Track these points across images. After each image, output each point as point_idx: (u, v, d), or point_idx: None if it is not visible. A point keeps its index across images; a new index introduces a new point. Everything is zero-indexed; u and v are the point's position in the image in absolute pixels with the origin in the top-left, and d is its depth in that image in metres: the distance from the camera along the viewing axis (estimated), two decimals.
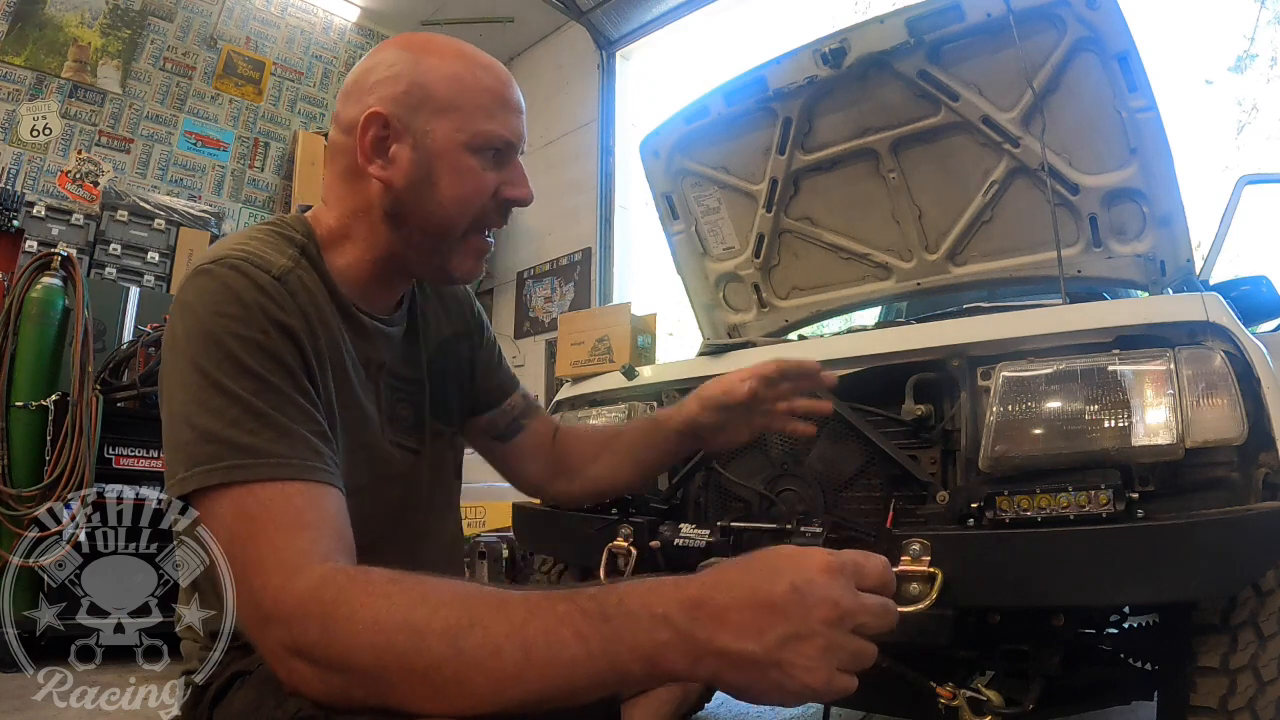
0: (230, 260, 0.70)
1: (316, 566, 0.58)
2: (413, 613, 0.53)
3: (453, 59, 0.78)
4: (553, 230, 5.18)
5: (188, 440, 0.63)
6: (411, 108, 0.76)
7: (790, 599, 0.49)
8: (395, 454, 0.84)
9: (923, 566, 1.04)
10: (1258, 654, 1.04)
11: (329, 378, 0.74)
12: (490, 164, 0.79)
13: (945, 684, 1.08)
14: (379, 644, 0.52)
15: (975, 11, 1.75)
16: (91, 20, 4.32)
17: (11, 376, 2.59)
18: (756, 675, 0.49)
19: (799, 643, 0.48)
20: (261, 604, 0.57)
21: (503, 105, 0.79)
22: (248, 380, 0.64)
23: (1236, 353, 1.07)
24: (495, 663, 0.51)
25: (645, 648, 0.50)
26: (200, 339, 0.66)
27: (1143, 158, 1.71)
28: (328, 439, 0.68)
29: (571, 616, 0.51)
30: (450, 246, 0.81)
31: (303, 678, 0.56)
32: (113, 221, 4.06)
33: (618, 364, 1.87)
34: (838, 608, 0.49)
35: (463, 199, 0.78)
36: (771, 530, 1.24)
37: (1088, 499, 1.01)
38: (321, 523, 0.62)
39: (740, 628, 0.49)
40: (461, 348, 0.99)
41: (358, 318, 0.81)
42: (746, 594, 0.50)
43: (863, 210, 2.21)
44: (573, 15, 5.22)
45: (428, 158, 0.77)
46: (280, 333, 0.68)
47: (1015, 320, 1.30)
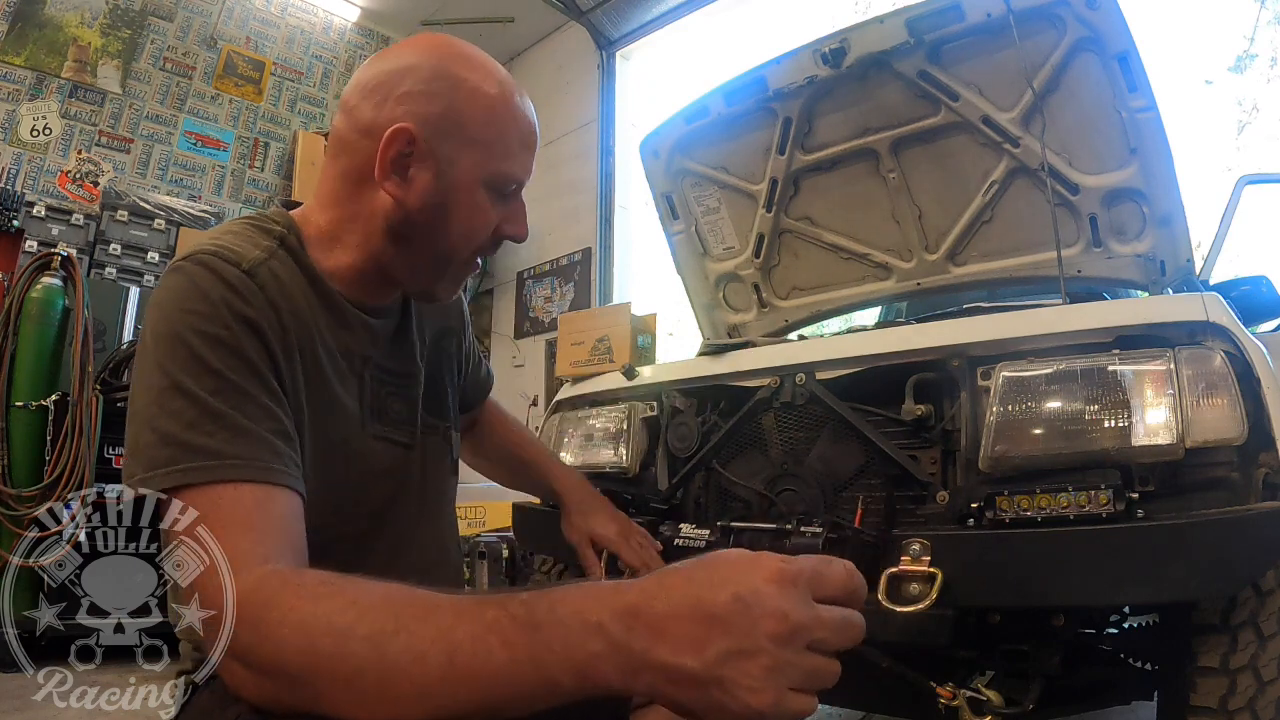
0: (199, 256, 0.70)
1: (255, 569, 0.57)
2: (339, 617, 0.52)
3: (492, 89, 0.77)
4: (553, 230, 5.18)
5: (148, 443, 0.63)
6: (442, 133, 0.75)
7: (733, 610, 0.44)
8: (378, 448, 0.83)
9: (923, 566, 1.04)
10: (1258, 654, 1.04)
11: (298, 371, 0.73)
12: (498, 200, 0.80)
13: (945, 684, 1.08)
14: (304, 648, 0.52)
15: (975, 11, 1.75)
16: (91, 20, 4.32)
17: (11, 376, 2.59)
18: (696, 693, 0.45)
19: (742, 660, 0.44)
20: (202, 604, 0.58)
21: (524, 146, 0.79)
22: (208, 379, 0.64)
23: (1236, 353, 1.07)
24: (419, 669, 0.49)
25: (576, 658, 0.46)
26: (166, 339, 0.66)
27: (1143, 158, 1.71)
28: (289, 438, 0.68)
29: (500, 623, 0.48)
30: (443, 272, 0.82)
31: (240, 680, 0.56)
32: (113, 221, 4.06)
33: (618, 364, 1.87)
34: (786, 621, 0.44)
35: (469, 234, 0.79)
36: (771, 530, 1.24)
37: (1088, 499, 1.01)
38: (267, 525, 0.62)
39: (678, 640, 0.44)
40: (452, 343, 1.00)
41: (341, 308, 0.80)
42: (687, 603, 0.45)
43: (863, 210, 2.21)
44: (573, 15, 5.22)
45: (447, 188, 0.76)
46: (244, 327, 0.68)
47: (1015, 320, 1.30)
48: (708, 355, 1.63)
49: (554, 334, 4.57)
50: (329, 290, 0.78)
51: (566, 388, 1.91)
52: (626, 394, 1.71)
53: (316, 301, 0.77)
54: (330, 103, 5.34)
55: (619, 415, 1.69)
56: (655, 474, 1.63)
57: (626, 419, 1.67)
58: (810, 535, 1.19)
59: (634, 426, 1.65)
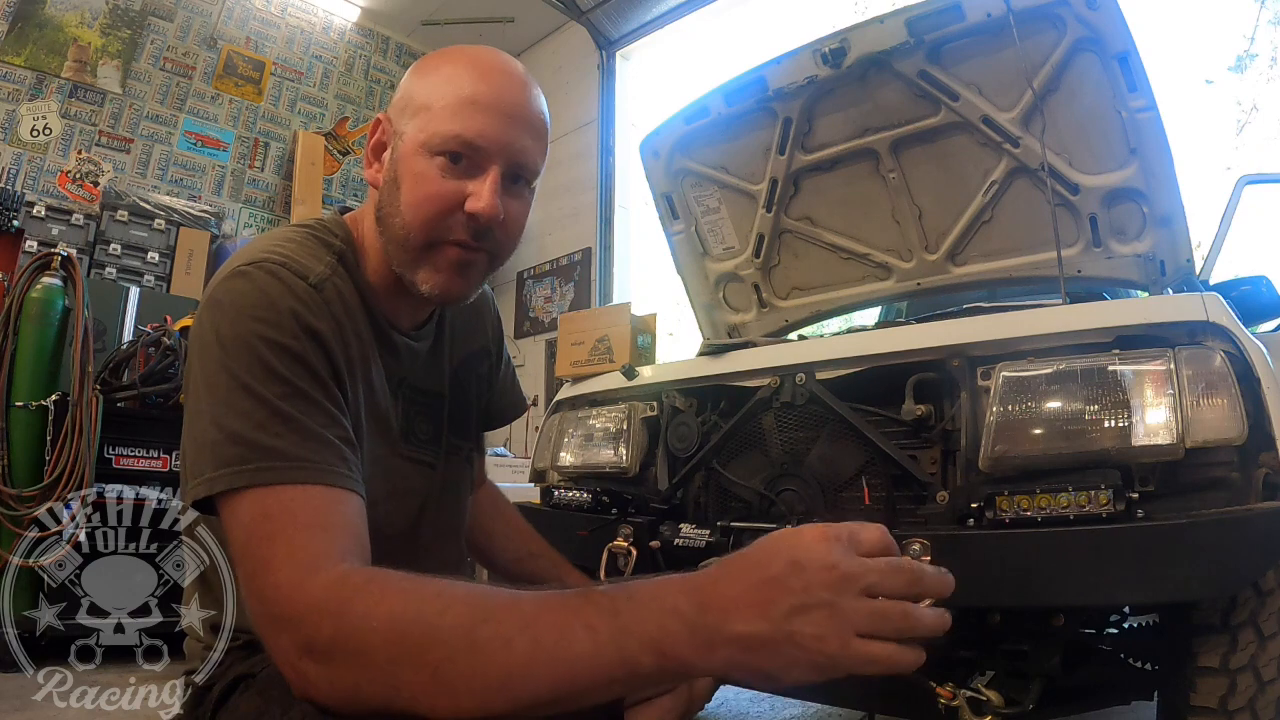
0: (268, 264, 0.69)
1: (333, 566, 0.58)
2: (427, 606, 0.53)
3: (457, 64, 0.75)
4: (553, 230, 5.18)
5: (215, 440, 0.63)
6: (399, 109, 0.76)
7: (789, 571, 0.49)
8: (407, 468, 0.83)
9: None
10: (1258, 654, 1.04)
11: (358, 387, 0.74)
12: (453, 171, 0.72)
13: (945, 684, 1.08)
14: (393, 638, 0.53)
15: (975, 11, 1.75)
16: (91, 20, 4.32)
17: (11, 376, 2.59)
18: (771, 655, 0.49)
19: (806, 613, 0.48)
20: (273, 603, 0.57)
21: (472, 104, 0.72)
22: (276, 384, 0.64)
23: (1236, 353, 1.07)
24: (506, 655, 0.51)
25: (655, 638, 0.50)
26: (232, 341, 0.65)
27: (1143, 158, 1.71)
28: (353, 445, 0.68)
29: (582, 610, 0.52)
30: (412, 257, 0.75)
31: (311, 679, 0.56)
32: (113, 221, 4.06)
33: (618, 364, 1.87)
34: (836, 570, 0.49)
35: (416, 204, 0.72)
36: (771, 530, 1.24)
37: (1088, 499, 1.01)
38: (341, 526, 0.62)
39: (747, 610, 0.49)
40: (483, 364, 0.99)
41: (387, 330, 0.81)
42: (748, 577, 0.50)
43: (863, 210, 2.21)
44: (573, 15, 5.22)
45: (397, 159, 0.74)
46: (312, 340, 0.68)
47: (1015, 320, 1.30)
48: (708, 355, 1.63)
49: (554, 334, 4.57)
50: (378, 314, 0.79)
51: (566, 388, 1.91)
52: (626, 394, 1.71)
53: (367, 321, 0.78)
54: (330, 103, 5.35)
55: (619, 415, 1.69)
56: (655, 474, 1.63)
57: (626, 419, 1.67)
58: None
59: (634, 426, 1.65)
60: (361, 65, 5.55)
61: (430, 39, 5.75)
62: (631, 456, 1.63)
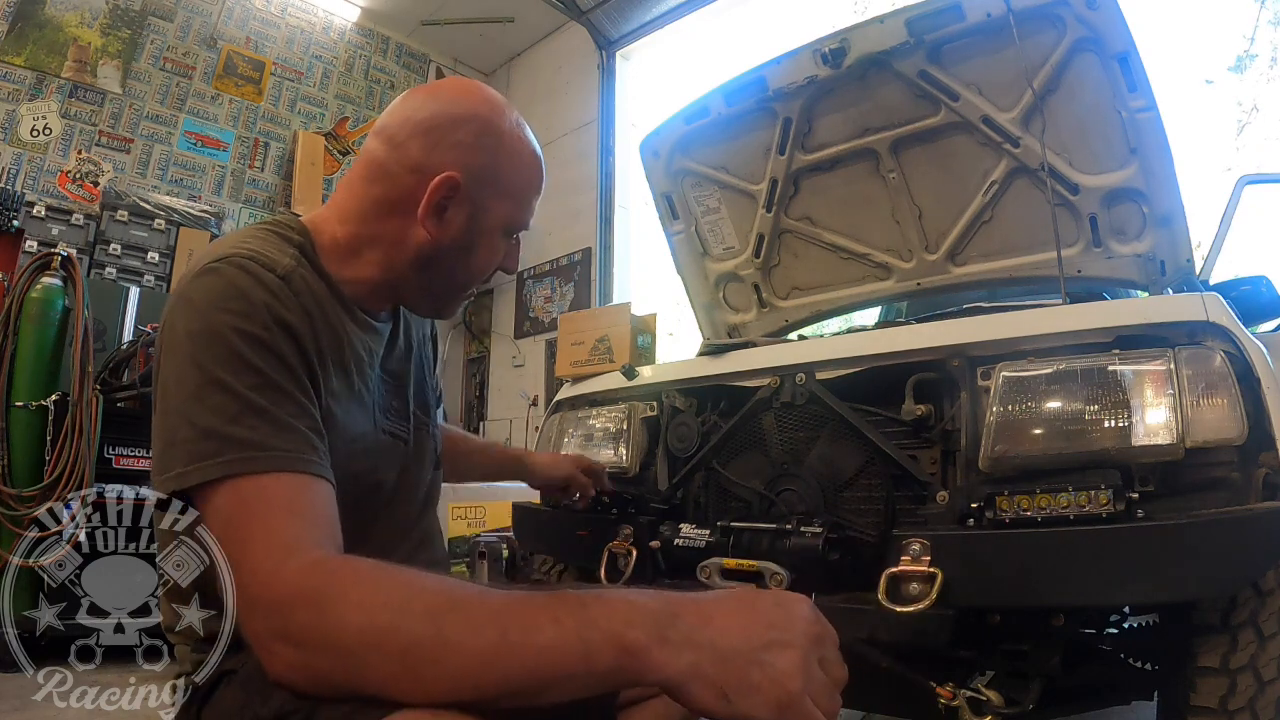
0: (236, 259, 0.72)
1: (308, 552, 0.59)
2: (396, 595, 0.55)
3: (529, 149, 0.87)
4: (553, 230, 5.18)
5: (187, 437, 0.64)
6: (482, 183, 0.82)
7: (777, 612, 0.53)
8: (386, 442, 0.88)
9: (923, 566, 1.04)
10: (1258, 654, 1.04)
11: (330, 373, 0.77)
12: (507, 240, 0.89)
13: (945, 684, 1.08)
14: (363, 624, 0.54)
15: (975, 11, 1.75)
16: (91, 20, 4.32)
17: (11, 376, 2.59)
18: (739, 672, 0.50)
19: (783, 649, 0.51)
20: (248, 587, 0.59)
21: (537, 196, 0.89)
22: (249, 375, 0.66)
23: (1236, 353, 1.06)
24: (473, 642, 0.52)
25: (618, 632, 0.51)
26: (202, 335, 0.67)
27: (1143, 158, 1.71)
28: (322, 435, 0.71)
29: (551, 605, 0.53)
30: (455, 298, 0.91)
31: (285, 663, 0.57)
32: (113, 221, 4.07)
33: (618, 364, 1.87)
34: (819, 624, 0.54)
35: (483, 270, 0.88)
36: (771, 530, 1.24)
37: (1088, 499, 1.01)
38: (314, 513, 0.64)
39: (726, 625, 0.52)
40: (428, 347, 1.06)
41: (360, 317, 0.85)
42: (734, 604, 0.54)
43: (863, 210, 2.21)
44: (573, 15, 5.22)
45: (477, 231, 0.84)
46: (283, 331, 0.70)
47: (1015, 320, 1.30)
48: (708, 355, 1.63)
49: (554, 334, 4.58)
50: (346, 297, 0.83)
51: (566, 388, 1.91)
52: (626, 394, 1.71)
53: (339, 307, 0.81)
54: (330, 103, 5.35)
55: (619, 415, 1.69)
56: (655, 474, 1.63)
57: (626, 419, 1.67)
58: (810, 535, 1.19)
59: (634, 426, 1.65)
60: (361, 65, 5.55)
61: (430, 39, 5.76)
62: (631, 456, 1.63)
